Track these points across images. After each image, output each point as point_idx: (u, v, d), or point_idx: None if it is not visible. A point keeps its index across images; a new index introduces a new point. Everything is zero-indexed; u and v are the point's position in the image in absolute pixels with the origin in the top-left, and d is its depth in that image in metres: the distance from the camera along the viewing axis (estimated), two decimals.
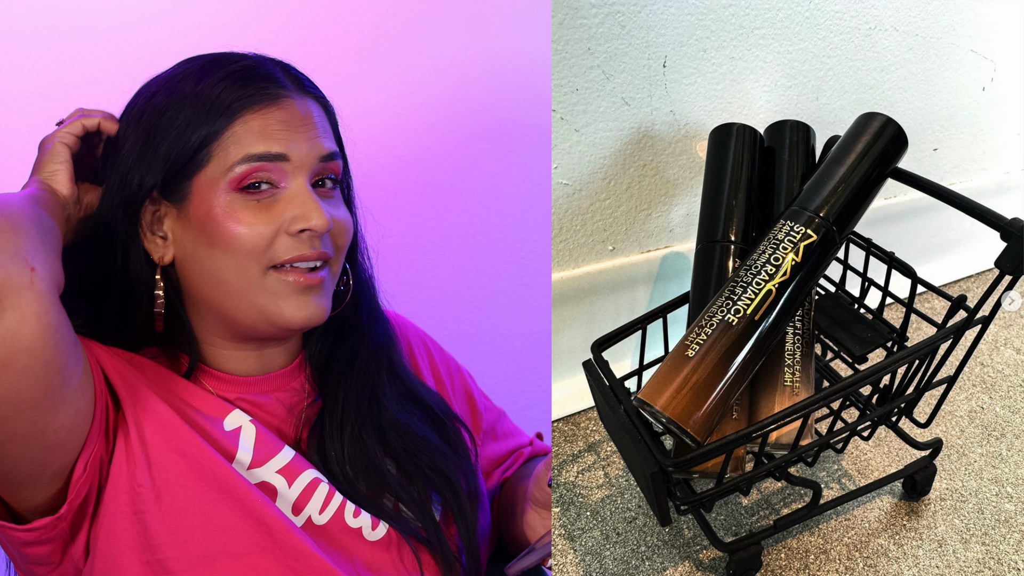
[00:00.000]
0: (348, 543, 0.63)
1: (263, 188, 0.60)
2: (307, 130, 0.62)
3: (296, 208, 0.61)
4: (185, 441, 0.60)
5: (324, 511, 0.63)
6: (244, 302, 0.61)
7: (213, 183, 0.60)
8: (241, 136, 0.60)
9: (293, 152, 0.61)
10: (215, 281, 0.61)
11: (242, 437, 0.63)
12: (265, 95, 0.62)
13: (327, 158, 0.63)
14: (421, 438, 0.70)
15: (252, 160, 0.60)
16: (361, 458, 0.67)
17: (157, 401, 0.60)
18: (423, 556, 0.66)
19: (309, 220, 0.60)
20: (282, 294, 0.61)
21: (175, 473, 0.59)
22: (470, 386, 0.81)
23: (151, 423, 0.59)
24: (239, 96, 0.61)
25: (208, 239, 0.60)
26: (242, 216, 0.60)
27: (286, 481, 0.63)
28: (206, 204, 0.60)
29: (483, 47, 1.03)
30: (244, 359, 0.66)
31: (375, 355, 0.71)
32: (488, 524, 0.74)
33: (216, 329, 0.64)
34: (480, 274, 1.08)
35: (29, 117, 0.88)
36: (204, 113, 0.60)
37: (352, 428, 0.67)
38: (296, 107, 0.63)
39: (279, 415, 0.67)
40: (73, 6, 0.89)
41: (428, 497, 0.68)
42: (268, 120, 0.61)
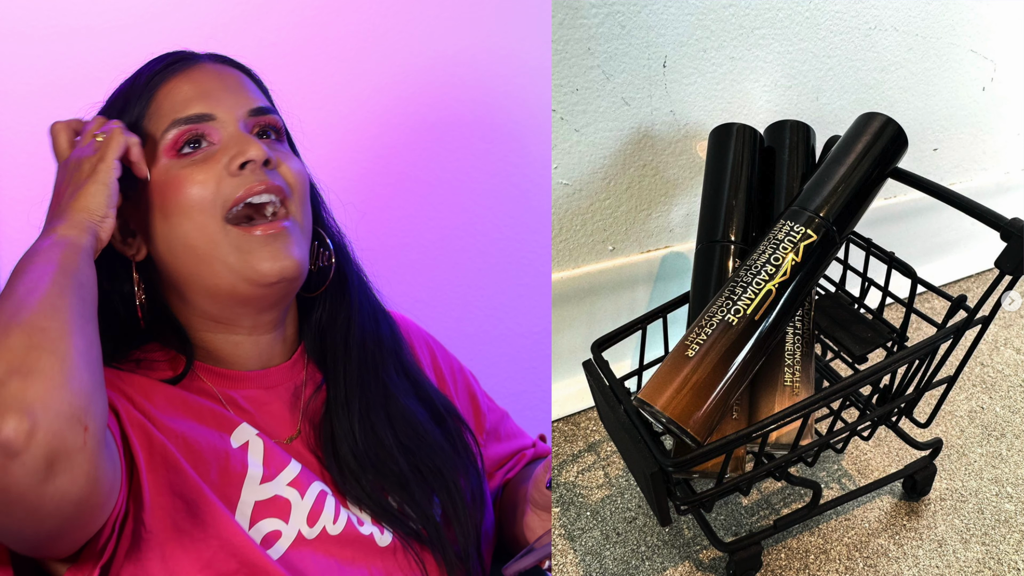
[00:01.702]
0: (362, 551, 0.63)
1: (201, 147, 0.62)
2: (229, 89, 0.64)
3: (231, 149, 0.62)
4: (186, 486, 0.59)
5: (337, 520, 0.63)
6: (216, 264, 0.61)
7: (152, 157, 0.62)
8: (164, 106, 0.63)
9: (218, 109, 0.63)
10: (182, 249, 0.62)
11: (250, 453, 0.62)
12: (179, 65, 0.64)
13: (257, 112, 0.65)
14: (427, 433, 0.70)
15: (179, 124, 0.62)
16: (370, 439, 0.67)
17: (159, 441, 0.59)
18: (426, 559, 0.66)
19: (246, 153, 0.61)
20: (249, 248, 0.61)
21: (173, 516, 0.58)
22: (473, 387, 0.81)
23: (148, 461, 0.58)
24: (155, 73, 0.64)
25: (163, 210, 0.61)
26: (184, 175, 0.61)
27: (298, 493, 0.63)
28: (152, 179, 0.62)
29: (483, 47, 1.03)
30: (239, 344, 0.66)
31: (376, 338, 0.71)
32: (491, 525, 0.74)
33: (203, 310, 0.64)
34: (480, 274, 1.08)
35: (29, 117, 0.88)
36: (128, 97, 0.63)
37: (360, 408, 0.67)
38: (214, 71, 0.65)
39: (280, 413, 0.67)
40: (73, 6, 0.89)
41: (431, 498, 0.68)
42: (187, 85, 0.63)
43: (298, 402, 0.68)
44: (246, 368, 0.66)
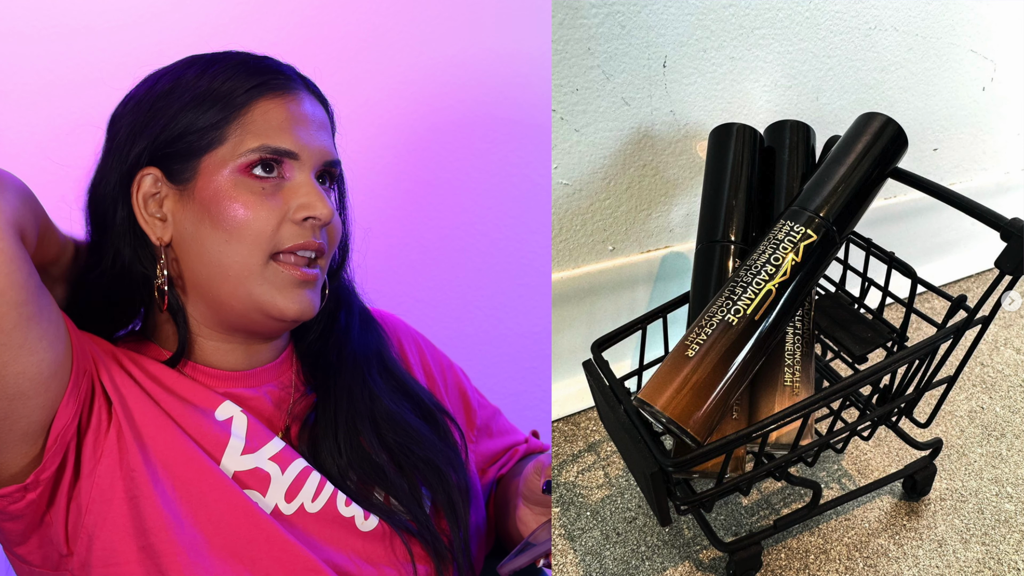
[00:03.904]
0: (341, 532, 0.64)
1: (272, 175, 0.62)
2: (317, 130, 0.65)
3: (303, 197, 0.62)
4: (171, 438, 0.60)
5: (317, 499, 0.64)
6: (241, 289, 0.62)
7: (222, 164, 0.61)
8: (259, 123, 0.62)
9: (304, 151, 0.63)
10: (214, 265, 0.62)
11: (234, 425, 0.63)
12: (279, 84, 0.63)
13: (332, 164, 0.66)
14: (413, 429, 0.70)
15: (267, 151, 0.61)
16: (355, 450, 0.67)
17: (144, 397, 0.61)
18: (415, 548, 0.66)
19: (315, 209, 0.62)
20: (279, 285, 0.62)
21: (164, 463, 0.60)
22: (463, 383, 0.81)
23: (140, 414, 0.60)
24: (254, 83, 0.62)
25: (212, 220, 0.61)
26: (248, 199, 0.61)
27: (279, 468, 0.63)
28: (213, 184, 0.61)
29: (483, 47, 1.03)
30: (231, 352, 0.66)
31: (364, 349, 0.72)
32: (482, 520, 0.74)
33: (205, 318, 0.65)
34: (480, 274, 1.08)
35: (29, 117, 0.89)
36: (214, 97, 0.62)
37: (347, 420, 0.68)
38: (308, 104, 0.65)
39: (267, 410, 0.67)
40: (73, 6, 0.89)
41: (419, 491, 0.68)
42: (285, 112, 0.63)
43: (284, 401, 0.68)
44: (234, 369, 0.67)
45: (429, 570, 0.66)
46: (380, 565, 0.64)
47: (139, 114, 0.63)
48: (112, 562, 0.58)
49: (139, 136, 0.62)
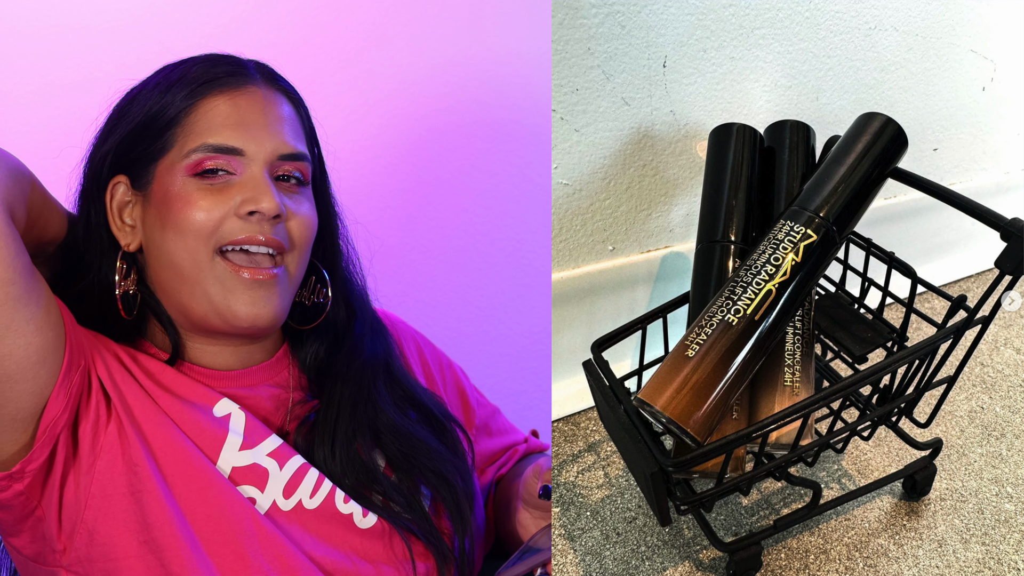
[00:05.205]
0: (339, 529, 0.64)
1: (219, 174, 0.62)
2: (270, 124, 0.63)
3: (248, 192, 0.61)
4: (168, 435, 0.60)
5: (315, 495, 0.64)
6: (196, 289, 0.62)
7: (172, 167, 0.62)
8: (202, 123, 0.62)
9: (249, 147, 0.62)
10: (169, 265, 0.62)
11: (232, 422, 0.63)
12: (229, 80, 0.63)
13: (289, 157, 0.64)
14: (420, 440, 0.70)
15: (208, 150, 0.61)
16: (349, 456, 0.67)
17: (142, 394, 0.61)
18: (415, 546, 0.66)
19: (259, 203, 0.61)
20: (232, 287, 0.62)
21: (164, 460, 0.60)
22: (462, 382, 0.81)
23: (139, 410, 0.60)
24: (203, 79, 0.62)
25: (162, 221, 0.62)
26: (194, 197, 0.61)
27: (277, 464, 0.63)
28: (164, 187, 0.62)
29: (483, 47, 1.03)
30: (219, 353, 0.66)
31: (372, 362, 0.71)
32: (481, 521, 0.74)
33: (180, 323, 0.65)
34: (480, 274, 1.08)
35: (29, 117, 0.89)
36: (169, 93, 0.62)
37: (345, 430, 0.67)
38: (262, 97, 0.64)
39: (265, 409, 0.67)
40: (73, 6, 0.89)
41: (418, 490, 0.68)
42: (230, 108, 0.62)
43: (282, 401, 0.68)
44: (226, 369, 0.67)
45: (429, 568, 0.66)
46: (378, 563, 0.64)
47: (109, 122, 0.65)
48: (111, 556, 0.58)
49: (105, 144, 0.64)
